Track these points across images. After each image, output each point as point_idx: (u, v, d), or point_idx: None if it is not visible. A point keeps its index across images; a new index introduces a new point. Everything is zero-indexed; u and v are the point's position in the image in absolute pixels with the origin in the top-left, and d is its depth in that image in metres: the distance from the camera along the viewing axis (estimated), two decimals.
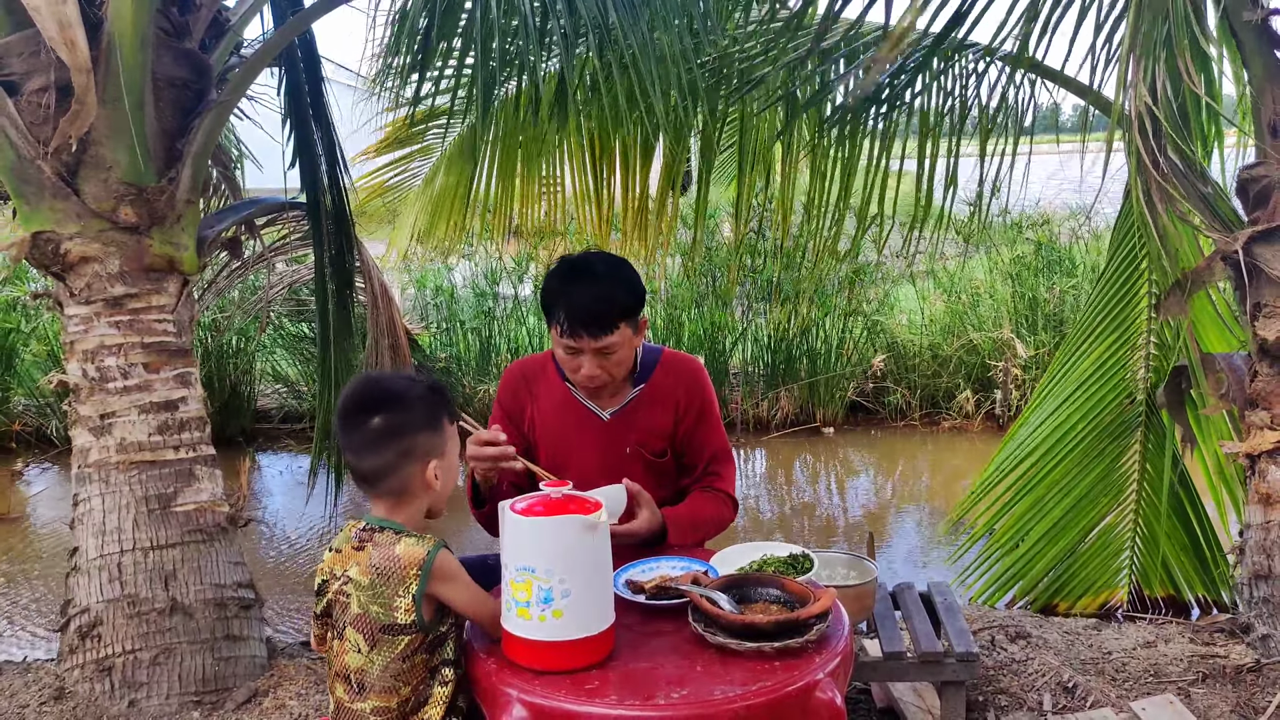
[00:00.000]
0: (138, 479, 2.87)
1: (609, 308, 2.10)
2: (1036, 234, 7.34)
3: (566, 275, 2.15)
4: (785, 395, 6.81)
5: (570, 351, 2.14)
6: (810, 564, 1.93)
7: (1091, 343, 3.72)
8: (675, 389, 2.29)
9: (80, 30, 2.60)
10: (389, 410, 1.74)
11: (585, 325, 2.08)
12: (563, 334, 2.11)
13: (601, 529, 1.66)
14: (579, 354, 2.14)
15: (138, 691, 2.85)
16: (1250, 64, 2.81)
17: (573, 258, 2.20)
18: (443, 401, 1.81)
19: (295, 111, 3.82)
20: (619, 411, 2.26)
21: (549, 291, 2.16)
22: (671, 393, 2.29)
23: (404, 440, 1.73)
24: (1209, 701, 2.75)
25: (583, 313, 2.09)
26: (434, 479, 1.76)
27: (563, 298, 2.11)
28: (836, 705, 1.59)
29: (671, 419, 2.28)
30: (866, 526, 4.99)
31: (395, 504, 1.76)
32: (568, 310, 2.09)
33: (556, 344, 2.17)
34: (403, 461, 1.73)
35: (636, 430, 2.26)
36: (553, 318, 2.14)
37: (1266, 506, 2.93)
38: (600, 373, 2.15)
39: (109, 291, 2.85)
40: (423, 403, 1.77)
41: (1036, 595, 3.72)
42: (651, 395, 2.27)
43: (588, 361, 2.14)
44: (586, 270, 2.15)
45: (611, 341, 2.11)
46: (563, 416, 2.27)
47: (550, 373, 2.30)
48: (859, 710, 2.94)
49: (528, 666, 1.62)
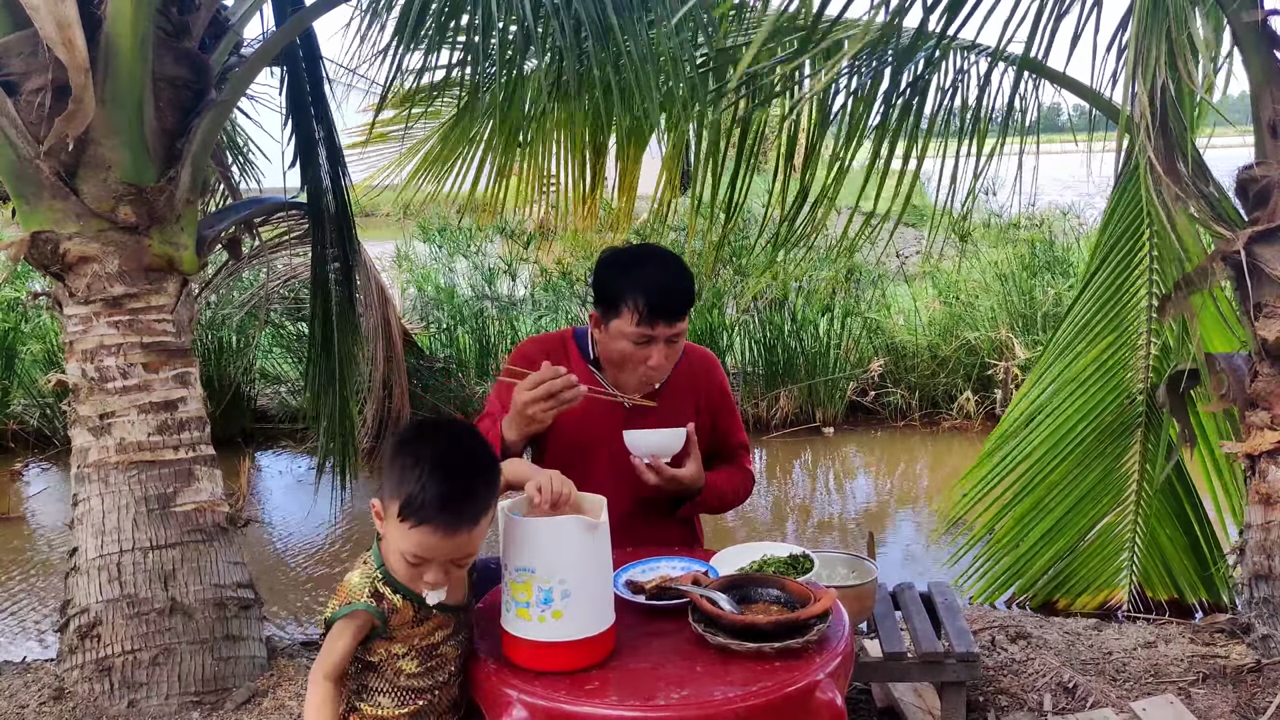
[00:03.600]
0: (137, 479, 2.87)
1: (684, 293, 2.07)
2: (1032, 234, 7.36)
3: (634, 263, 2.08)
4: (785, 395, 6.81)
5: (642, 341, 2.06)
6: (810, 564, 1.93)
7: (1089, 342, 3.72)
8: (695, 380, 2.29)
9: (79, 30, 2.59)
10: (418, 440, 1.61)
11: (664, 311, 2.03)
12: (639, 321, 2.03)
13: (601, 530, 1.65)
14: (651, 343, 2.07)
15: (137, 691, 2.85)
16: (1250, 64, 2.81)
17: (630, 247, 2.16)
18: (420, 502, 1.51)
19: (296, 111, 3.82)
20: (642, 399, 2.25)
21: (616, 280, 2.07)
22: (691, 384, 2.28)
23: (386, 461, 1.62)
24: (1209, 702, 2.75)
25: (663, 298, 2.03)
26: (373, 514, 1.62)
27: (639, 284, 2.03)
28: (837, 706, 1.59)
29: (692, 409, 2.27)
30: (866, 527, 4.99)
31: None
32: (647, 296, 2.02)
33: (620, 335, 2.08)
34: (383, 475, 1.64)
35: (657, 418, 2.22)
36: (623, 306, 2.05)
37: (1266, 507, 2.93)
38: (667, 363, 2.10)
39: (108, 291, 2.85)
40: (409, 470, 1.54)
41: (1036, 593, 3.72)
42: (673, 385, 2.26)
43: (658, 351, 2.07)
44: (654, 256, 2.10)
45: (682, 328, 2.08)
46: (585, 400, 2.22)
47: (572, 353, 2.24)
48: (859, 710, 2.94)
49: (527, 667, 1.62)
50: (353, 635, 1.62)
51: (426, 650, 1.67)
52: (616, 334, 2.09)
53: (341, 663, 1.62)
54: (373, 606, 1.60)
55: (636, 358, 2.10)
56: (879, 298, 7.28)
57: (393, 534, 1.57)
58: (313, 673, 1.64)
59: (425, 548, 1.54)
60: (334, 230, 3.86)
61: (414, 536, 1.53)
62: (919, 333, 7.05)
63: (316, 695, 1.62)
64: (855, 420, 6.97)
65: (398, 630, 1.64)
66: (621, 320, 2.07)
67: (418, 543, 1.54)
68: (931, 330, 7.05)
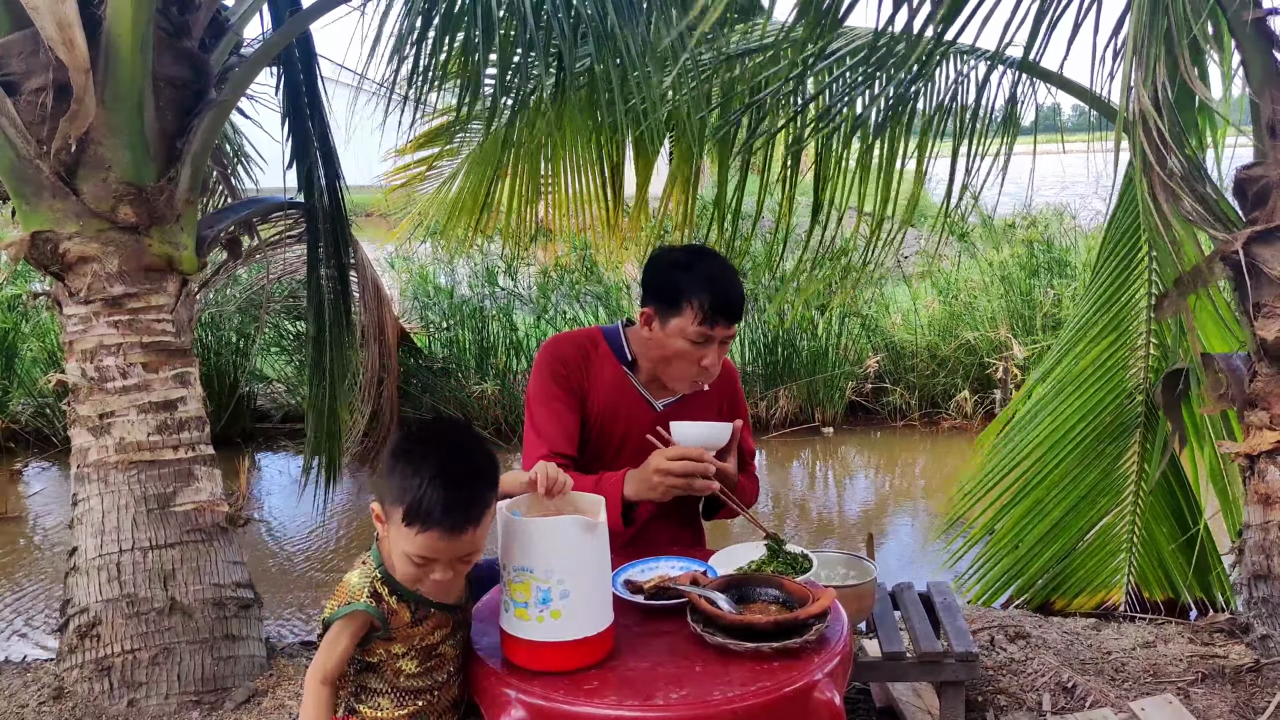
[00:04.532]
0: (137, 479, 2.87)
1: (742, 296, 2.08)
2: (1030, 234, 7.35)
3: (696, 262, 2.09)
4: (784, 395, 6.81)
5: (700, 341, 2.07)
6: (809, 564, 1.93)
7: (1089, 342, 3.72)
8: (718, 384, 2.30)
9: (79, 30, 2.59)
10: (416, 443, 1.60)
11: (726, 312, 2.04)
12: (702, 321, 2.04)
13: (599, 529, 1.65)
14: (708, 344, 2.07)
15: (137, 691, 2.85)
16: (1249, 64, 2.81)
17: (687, 247, 2.17)
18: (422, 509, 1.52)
19: (293, 111, 3.83)
20: (673, 404, 2.25)
21: (678, 276, 2.07)
22: (715, 390, 2.29)
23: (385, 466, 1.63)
24: (1208, 701, 2.75)
25: (726, 301, 2.04)
26: (374, 517, 1.62)
27: (703, 284, 2.03)
28: (836, 705, 1.59)
29: (714, 413, 2.29)
30: (865, 527, 4.99)
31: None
32: (712, 297, 2.03)
33: (679, 334, 2.07)
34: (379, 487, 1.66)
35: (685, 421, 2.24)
36: (685, 304, 2.05)
37: (1265, 506, 2.93)
38: (718, 366, 2.11)
39: (108, 291, 2.85)
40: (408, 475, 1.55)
41: (1034, 594, 3.72)
42: (700, 391, 2.27)
43: (714, 352, 2.08)
44: (714, 258, 2.11)
45: (735, 331, 2.10)
46: (616, 400, 2.21)
47: (605, 353, 2.23)
48: (859, 710, 2.94)
49: (526, 667, 1.62)
50: (351, 637, 1.62)
51: (426, 650, 1.67)
52: (675, 332, 2.09)
53: (339, 665, 1.62)
54: (372, 607, 1.60)
55: (691, 357, 2.10)
56: (877, 297, 7.28)
57: (397, 537, 1.58)
58: (309, 676, 1.64)
59: (431, 550, 1.55)
60: (329, 229, 3.87)
61: (420, 540, 1.54)
62: (918, 332, 7.06)
63: (312, 701, 1.62)
64: (854, 420, 6.97)
65: (397, 630, 1.64)
66: (683, 319, 2.06)
67: (423, 545, 1.55)
68: (931, 330, 7.05)
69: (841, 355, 6.92)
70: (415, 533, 1.54)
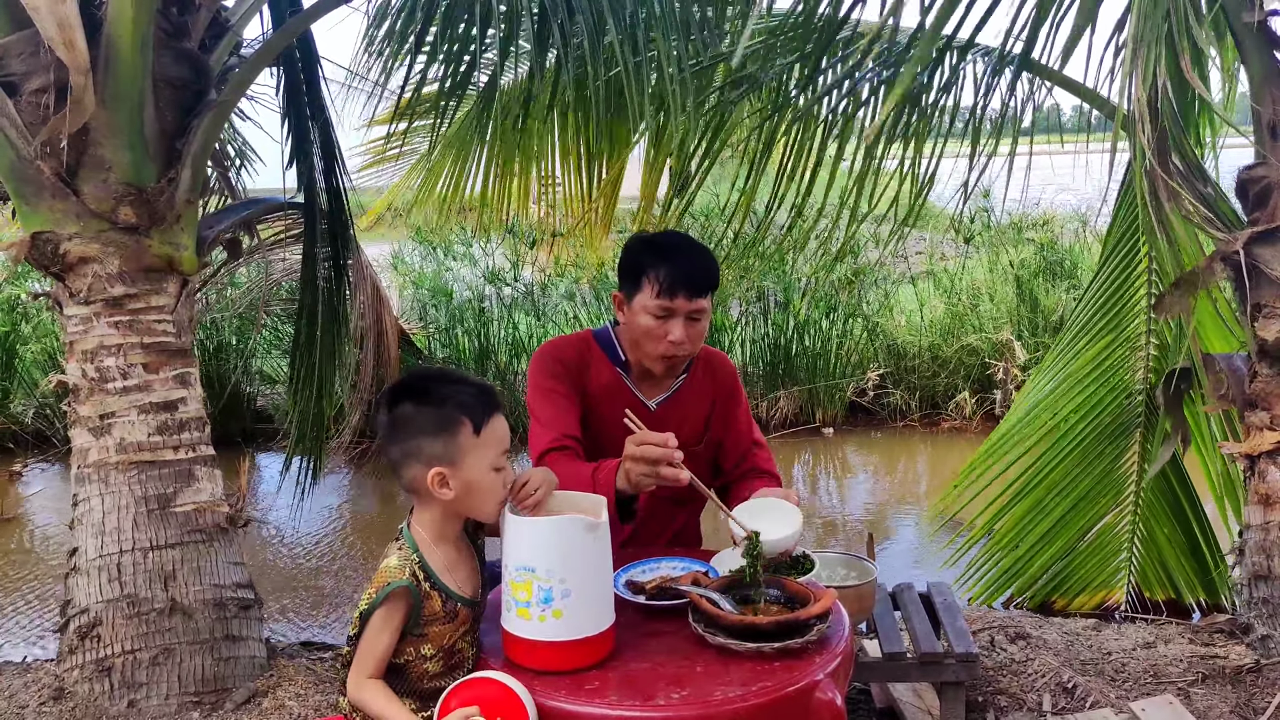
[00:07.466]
0: (137, 479, 2.87)
1: (705, 270, 2.11)
2: (1038, 235, 7.34)
3: (657, 240, 2.15)
4: (785, 396, 6.81)
5: (661, 315, 2.09)
6: (810, 564, 1.93)
7: (1089, 342, 3.72)
8: (711, 381, 2.32)
9: (79, 30, 2.59)
10: (407, 403, 1.65)
11: (685, 285, 2.07)
12: (659, 294, 2.07)
13: (601, 529, 1.65)
14: (670, 317, 2.09)
15: (137, 692, 2.85)
16: (1250, 65, 2.81)
17: (656, 232, 2.22)
18: (473, 408, 1.63)
19: (293, 111, 3.82)
20: (665, 401, 2.26)
21: (639, 254, 2.12)
22: (709, 385, 2.31)
23: (408, 440, 1.65)
24: (1209, 702, 2.75)
25: (683, 272, 2.07)
26: (436, 487, 1.63)
27: (660, 257, 2.08)
28: (837, 706, 1.59)
29: (707, 408, 2.30)
30: (866, 527, 4.99)
31: (417, 503, 1.71)
32: (668, 269, 2.07)
33: (641, 311, 2.11)
34: (406, 461, 1.65)
35: (679, 420, 2.24)
36: (644, 279, 2.09)
37: (1266, 507, 2.93)
38: (686, 340, 2.12)
39: (108, 292, 2.85)
40: (441, 405, 1.63)
41: (1034, 593, 3.72)
42: (692, 386, 2.29)
43: (677, 325, 2.09)
44: (678, 236, 2.18)
45: (703, 306, 2.11)
46: (611, 401, 2.22)
47: (598, 356, 2.26)
48: (859, 710, 2.94)
49: (527, 667, 1.62)
50: (393, 632, 1.62)
51: (449, 650, 1.68)
52: (639, 309, 2.12)
53: (384, 659, 1.63)
54: (413, 584, 1.62)
55: (656, 332, 2.11)
56: (881, 299, 7.28)
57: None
58: (354, 679, 1.62)
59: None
60: (328, 229, 3.86)
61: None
62: (920, 333, 7.06)
63: (379, 695, 1.61)
64: (855, 421, 6.97)
65: (429, 627, 1.64)
66: (643, 294, 2.10)
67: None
68: (933, 331, 7.05)
69: (844, 357, 6.91)
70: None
